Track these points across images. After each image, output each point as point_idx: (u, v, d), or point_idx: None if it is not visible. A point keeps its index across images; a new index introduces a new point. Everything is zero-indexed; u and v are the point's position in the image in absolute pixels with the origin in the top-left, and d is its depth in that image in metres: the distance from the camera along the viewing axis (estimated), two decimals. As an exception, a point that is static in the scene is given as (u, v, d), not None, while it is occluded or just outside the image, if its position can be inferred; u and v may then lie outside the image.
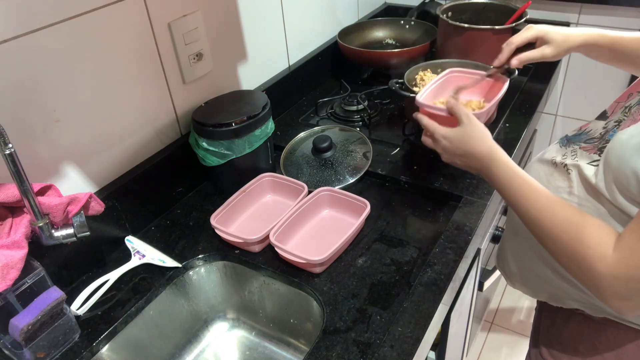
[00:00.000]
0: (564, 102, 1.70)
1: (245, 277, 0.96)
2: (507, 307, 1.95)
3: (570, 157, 0.78)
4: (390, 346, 0.75)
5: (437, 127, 0.85)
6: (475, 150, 0.79)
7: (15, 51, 0.74)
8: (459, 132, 0.82)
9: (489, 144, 0.79)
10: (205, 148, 1.01)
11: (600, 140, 0.75)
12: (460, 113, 0.83)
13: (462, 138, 0.81)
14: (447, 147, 0.84)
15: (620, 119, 0.74)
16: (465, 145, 0.81)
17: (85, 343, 0.80)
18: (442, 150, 0.86)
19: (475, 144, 0.79)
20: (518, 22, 1.31)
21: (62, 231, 0.77)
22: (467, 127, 0.81)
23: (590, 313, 0.81)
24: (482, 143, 0.79)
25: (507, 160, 0.76)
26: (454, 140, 0.82)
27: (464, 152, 0.81)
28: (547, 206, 0.70)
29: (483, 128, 0.81)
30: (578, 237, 0.66)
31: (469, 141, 0.80)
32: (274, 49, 1.33)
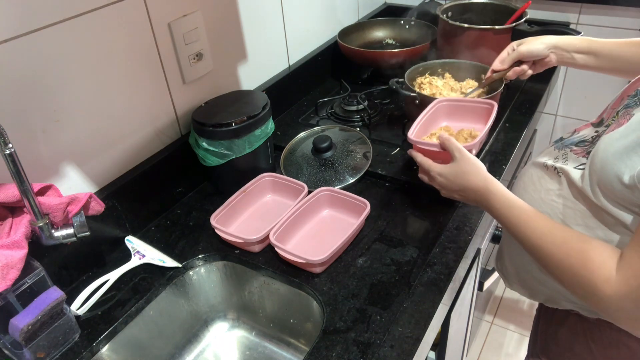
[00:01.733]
0: (564, 102, 1.70)
1: (245, 277, 0.96)
2: (507, 306, 1.95)
3: (561, 160, 0.79)
4: (390, 346, 0.75)
5: (431, 165, 0.87)
6: (471, 184, 0.81)
7: (15, 51, 0.74)
8: (453, 169, 0.83)
9: (484, 177, 0.80)
10: (205, 148, 1.01)
11: (590, 145, 0.76)
12: (452, 148, 0.84)
13: (457, 174, 0.83)
14: (444, 184, 0.85)
15: (609, 124, 0.75)
16: (461, 180, 0.82)
17: (85, 343, 0.80)
18: (440, 187, 0.87)
19: (470, 178, 0.81)
20: (518, 22, 1.31)
21: (62, 231, 0.77)
22: (460, 163, 0.83)
23: (584, 314, 0.82)
24: (476, 177, 0.80)
25: (503, 190, 0.77)
26: (449, 176, 0.84)
27: (461, 187, 0.83)
28: (547, 232, 0.70)
29: (476, 161, 0.82)
30: (581, 262, 0.65)
31: (463, 176, 0.82)
32: (274, 49, 1.33)
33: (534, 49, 0.99)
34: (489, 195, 0.78)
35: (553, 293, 0.85)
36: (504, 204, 0.76)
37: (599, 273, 0.63)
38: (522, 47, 1.00)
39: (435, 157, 0.89)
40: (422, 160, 0.89)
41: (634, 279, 0.60)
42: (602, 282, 0.63)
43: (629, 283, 0.61)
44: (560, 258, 0.68)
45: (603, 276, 0.63)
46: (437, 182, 0.87)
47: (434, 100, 1.04)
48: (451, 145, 0.84)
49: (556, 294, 0.84)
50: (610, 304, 0.63)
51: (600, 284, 0.63)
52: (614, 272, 0.62)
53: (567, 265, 0.67)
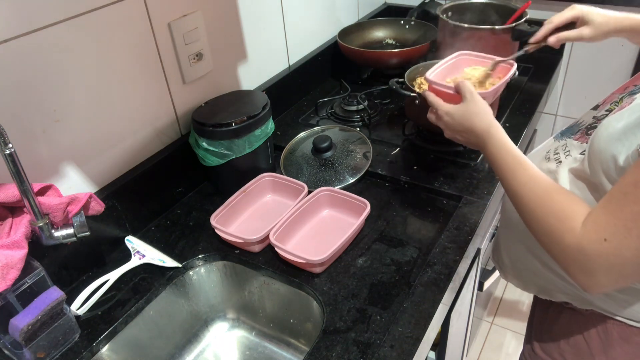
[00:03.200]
0: (564, 102, 1.70)
1: (245, 277, 0.96)
2: (508, 306, 1.96)
3: (562, 152, 0.79)
4: (390, 346, 0.75)
5: (440, 104, 0.87)
6: (475, 126, 0.81)
7: (15, 51, 0.74)
8: (460, 109, 0.83)
9: (488, 121, 0.80)
10: (205, 148, 1.01)
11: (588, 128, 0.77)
12: (465, 90, 0.84)
13: (464, 114, 0.83)
14: (449, 123, 0.85)
15: (610, 108, 0.75)
16: (466, 121, 0.82)
17: (85, 343, 0.80)
18: (445, 126, 0.87)
19: (475, 119, 0.81)
20: (518, 22, 1.30)
21: (62, 231, 0.77)
22: (469, 104, 0.83)
23: (577, 305, 0.82)
24: (481, 119, 0.80)
25: (502, 137, 0.78)
26: (455, 116, 0.84)
27: (465, 128, 0.83)
28: (529, 180, 0.71)
29: (484, 105, 0.82)
30: (551, 210, 0.67)
31: (469, 117, 0.82)
32: (274, 49, 1.33)
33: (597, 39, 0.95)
34: (489, 139, 0.78)
35: (546, 284, 0.85)
36: (500, 149, 0.77)
37: (565, 222, 0.64)
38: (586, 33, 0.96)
39: (448, 100, 0.89)
40: (432, 100, 0.89)
41: (594, 233, 0.61)
42: (566, 230, 0.64)
43: (588, 236, 0.61)
44: (534, 205, 0.69)
45: (568, 226, 0.64)
46: (443, 121, 0.86)
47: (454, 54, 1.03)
48: (464, 87, 0.84)
49: (549, 284, 0.85)
50: (568, 255, 0.64)
51: (563, 232, 0.64)
52: (579, 224, 0.63)
53: (540, 213, 0.68)
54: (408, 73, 1.19)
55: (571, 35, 0.97)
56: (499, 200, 1.16)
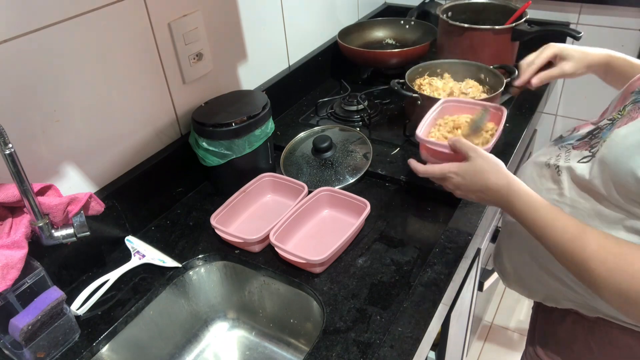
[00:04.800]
0: (564, 102, 1.70)
1: (245, 277, 0.96)
2: (507, 307, 1.95)
3: (563, 159, 0.78)
4: (390, 346, 0.75)
5: (444, 168, 0.81)
6: (491, 183, 0.75)
7: (15, 51, 0.74)
8: (470, 167, 0.78)
9: (505, 175, 0.75)
10: (205, 148, 1.01)
11: (591, 137, 0.76)
12: (465, 148, 0.79)
13: (475, 173, 0.77)
14: (460, 184, 0.80)
15: (614, 117, 0.74)
16: (480, 180, 0.77)
17: (85, 343, 0.80)
18: (455, 187, 0.81)
19: (489, 177, 0.76)
20: (518, 22, 1.31)
21: (62, 231, 0.77)
22: (477, 161, 0.78)
23: (584, 313, 0.81)
24: (497, 176, 0.75)
25: (526, 190, 0.73)
26: (466, 176, 0.78)
27: (479, 188, 0.77)
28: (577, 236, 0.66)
29: (494, 159, 0.78)
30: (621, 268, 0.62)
31: (482, 175, 0.77)
32: (274, 49, 1.33)
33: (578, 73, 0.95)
34: (512, 196, 0.73)
35: (551, 292, 0.84)
36: (529, 205, 0.71)
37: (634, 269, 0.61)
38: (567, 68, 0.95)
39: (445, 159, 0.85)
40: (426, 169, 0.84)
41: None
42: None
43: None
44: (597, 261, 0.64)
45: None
46: (453, 182, 0.80)
47: (439, 101, 1.01)
48: (462, 145, 0.80)
49: (555, 292, 0.84)
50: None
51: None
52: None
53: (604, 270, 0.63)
54: (408, 73, 1.19)
55: (553, 73, 0.96)
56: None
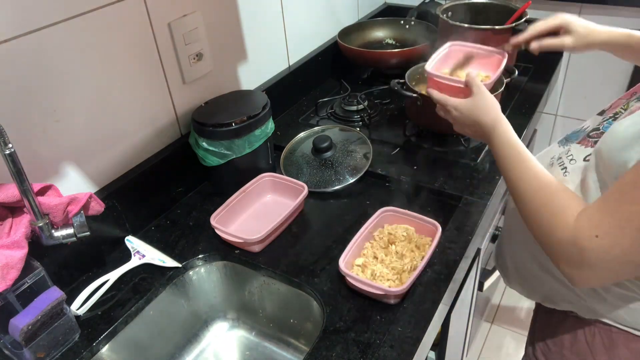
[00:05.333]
0: (564, 102, 1.70)
1: (245, 277, 0.96)
2: (507, 307, 1.95)
3: (566, 158, 0.79)
4: (390, 346, 0.75)
5: (448, 99, 0.89)
6: (482, 119, 0.83)
7: (15, 51, 0.74)
8: (469, 103, 0.85)
9: (495, 115, 0.82)
10: (205, 148, 1.01)
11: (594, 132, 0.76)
12: (473, 84, 0.85)
13: (472, 108, 0.84)
14: (458, 117, 0.87)
15: (617, 112, 0.75)
16: (474, 115, 0.84)
17: (85, 343, 0.80)
18: (453, 120, 0.89)
19: (481, 113, 0.83)
20: (518, 22, 1.30)
21: (62, 231, 0.77)
22: (477, 98, 0.84)
23: (582, 315, 0.82)
24: (488, 113, 0.82)
25: (508, 130, 0.79)
26: (464, 110, 0.86)
27: (473, 122, 0.85)
28: (529, 175, 0.73)
29: (492, 99, 0.84)
30: (547, 204, 0.68)
31: (477, 111, 0.84)
32: (274, 49, 1.33)
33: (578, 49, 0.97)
34: (494, 133, 0.80)
35: (550, 292, 0.85)
36: (504, 142, 0.78)
37: (560, 216, 0.66)
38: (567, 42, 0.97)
39: (452, 92, 0.90)
40: (438, 97, 0.91)
41: (587, 228, 0.62)
42: (560, 224, 0.65)
43: (580, 231, 0.62)
44: (530, 197, 0.71)
45: (562, 219, 0.65)
46: (452, 116, 0.88)
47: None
48: (473, 81, 0.86)
49: (553, 293, 0.84)
50: (558, 247, 0.66)
51: (557, 225, 0.66)
52: (572, 219, 0.64)
53: (535, 205, 0.70)
54: (408, 73, 1.19)
55: (553, 43, 0.98)
56: (499, 200, 1.16)
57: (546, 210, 0.68)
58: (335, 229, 0.98)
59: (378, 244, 0.91)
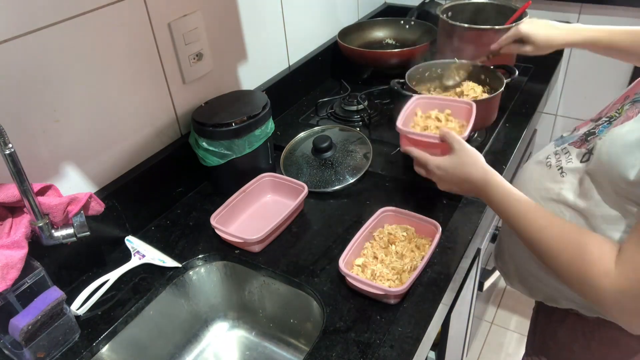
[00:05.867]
0: (564, 102, 1.70)
1: (245, 277, 0.96)
2: (508, 307, 1.95)
3: (564, 160, 0.78)
4: (390, 346, 0.75)
5: (429, 158, 0.85)
6: (470, 176, 0.80)
7: (15, 51, 0.74)
8: (452, 160, 0.82)
9: (483, 168, 0.79)
10: (205, 148, 1.01)
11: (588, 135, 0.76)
12: (452, 140, 0.83)
13: (456, 166, 0.81)
14: (443, 177, 0.84)
15: (612, 116, 0.74)
16: (460, 172, 0.81)
17: (85, 343, 0.80)
18: (438, 180, 0.86)
19: (469, 170, 0.80)
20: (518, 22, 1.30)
21: (62, 231, 0.77)
22: (459, 154, 0.81)
23: (584, 313, 0.82)
24: (475, 168, 0.79)
25: (502, 182, 0.77)
26: (448, 169, 0.82)
27: (460, 180, 0.81)
28: (546, 225, 0.70)
29: (475, 152, 0.81)
30: (579, 255, 0.65)
31: (462, 168, 0.80)
32: (274, 49, 1.33)
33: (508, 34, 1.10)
34: (488, 187, 0.77)
35: (552, 292, 0.84)
36: (503, 196, 0.75)
37: (598, 266, 0.63)
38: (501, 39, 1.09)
39: (429, 148, 0.88)
40: (418, 155, 0.88)
41: (632, 272, 0.60)
42: (601, 275, 0.62)
43: (627, 277, 0.60)
44: (558, 250, 0.68)
45: (602, 269, 0.62)
46: (437, 176, 0.85)
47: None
48: (451, 137, 0.83)
49: (556, 292, 0.84)
50: (607, 298, 0.62)
51: (598, 277, 0.62)
52: (612, 266, 0.62)
53: (565, 258, 0.67)
54: (408, 73, 1.20)
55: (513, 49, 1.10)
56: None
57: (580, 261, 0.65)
58: (335, 229, 0.98)
59: (378, 244, 0.91)
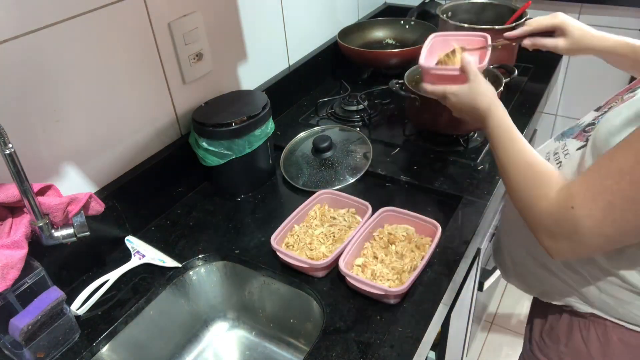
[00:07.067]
0: (564, 102, 1.70)
1: (245, 277, 0.96)
2: (507, 307, 1.95)
3: (562, 153, 0.79)
4: (390, 346, 0.75)
5: (445, 88, 0.90)
6: (478, 104, 0.84)
7: (15, 51, 0.74)
8: (465, 89, 0.87)
9: (489, 99, 0.83)
10: (205, 148, 1.01)
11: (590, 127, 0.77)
12: (470, 71, 0.87)
13: (469, 94, 0.86)
14: (456, 103, 0.89)
15: (612, 106, 0.75)
16: (471, 99, 0.85)
17: (85, 343, 0.80)
18: (452, 106, 0.90)
19: (479, 98, 0.84)
20: (518, 22, 1.30)
21: (62, 231, 0.77)
22: (472, 84, 0.86)
23: (578, 308, 0.82)
24: (483, 98, 0.84)
25: (501, 114, 0.81)
26: (461, 96, 0.87)
27: (470, 107, 0.86)
28: (516, 153, 0.75)
29: (488, 85, 0.86)
30: (531, 178, 0.71)
31: (473, 96, 0.85)
32: (274, 49, 1.33)
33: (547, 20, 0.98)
34: (489, 116, 0.82)
35: (548, 287, 0.86)
36: (497, 126, 0.80)
37: (541, 189, 0.68)
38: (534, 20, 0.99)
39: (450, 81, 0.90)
40: (433, 89, 0.92)
41: (564, 200, 0.64)
42: (541, 196, 0.68)
43: (558, 203, 0.65)
44: (518, 174, 0.73)
45: (543, 192, 0.68)
46: (451, 102, 0.89)
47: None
48: (469, 68, 0.87)
49: (551, 288, 0.85)
50: (537, 218, 0.68)
51: (538, 197, 0.68)
52: (553, 192, 0.66)
53: (521, 180, 0.73)
54: (408, 73, 1.19)
55: (547, 43, 0.98)
56: (499, 200, 1.16)
57: (530, 184, 0.71)
58: (335, 229, 0.98)
59: (378, 244, 0.91)
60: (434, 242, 0.88)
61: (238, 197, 1.09)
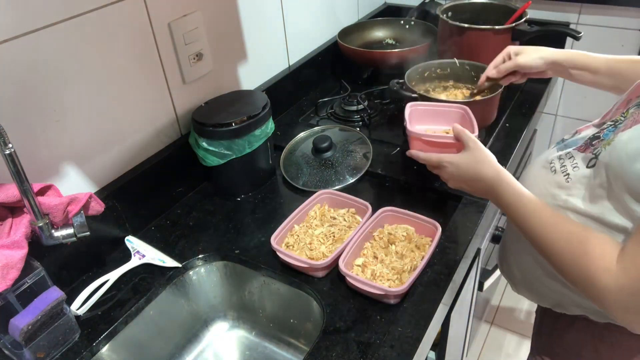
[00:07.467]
0: (564, 102, 1.70)
1: (245, 277, 0.96)
2: (507, 307, 1.95)
3: (569, 164, 0.77)
4: (390, 346, 0.75)
5: (441, 156, 0.85)
6: (483, 173, 0.79)
7: (15, 51, 0.74)
8: (466, 157, 0.82)
9: (495, 167, 0.79)
10: (205, 148, 1.01)
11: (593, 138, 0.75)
12: (468, 138, 0.83)
13: (469, 163, 0.81)
14: (454, 174, 0.84)
15: (617, 120, 0.74)
16: (473, 169, 0.81)
17: (85, 343, 0.80)
18: (449, 176, 0.86)
19: (482, 167, 0.80)
20: (518, 22, 1.31)
21: (62, 231, 0.77)
22: (474, 152, 0.81)
23: (594, 318, 0.80)
24: (488, 166, 0.79)
25: (513, 181, 0.77)
26: (461, 165, 0.82)
27: (472, 178, 0.81)
28: (552, 223, 0.70)
29: (488, 152, 0.82)
30: (581, 251, 0.65)
31: (476, 165, 0.80)
32: (274, 49, 1.33)
33: (533, 64, 0.99)
34: (500, 185, 0.77)
35: (561, 298, 0.83)
36: (513, 194, 0.75)
37: (599, 262, 0.63)
38: (519, 59, 1.00)
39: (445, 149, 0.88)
40: (427, 157, 0.88)
41: (633, 270, 0.60)
42: (601, 271, 0.63)
43: (628, 274, 0.60)
44: (561, 246, 0.68)
45: (602, 266, 0.63)
46: (448, 172, 0.85)
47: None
48: (466, 135, 0.83)
49: (563, 298, 0.82)
50: (608, 295, 0.63)
51: (599, 273, 0.63)
52: (614, 263, 0.62)
53: (569, 254, 0.67)
54: (408, 73, 1.19)
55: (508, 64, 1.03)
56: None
57: (583, 258, 0.65)
58: (335, 229, 0.98)
59: (378, 244, 0.91)
60: (434, 242, 0.88)
61: (238, 197, 1.09)
